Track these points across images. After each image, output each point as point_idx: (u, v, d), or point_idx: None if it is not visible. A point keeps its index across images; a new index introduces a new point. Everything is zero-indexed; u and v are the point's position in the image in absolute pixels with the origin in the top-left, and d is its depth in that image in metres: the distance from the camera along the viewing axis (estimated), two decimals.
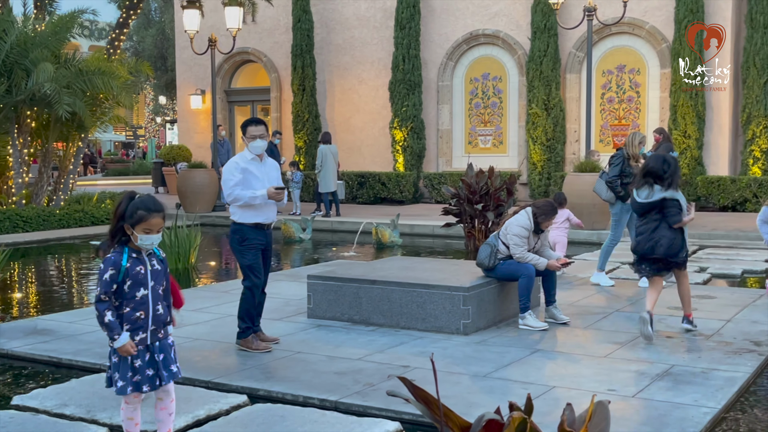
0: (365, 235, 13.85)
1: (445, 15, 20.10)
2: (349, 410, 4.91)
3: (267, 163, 6.37)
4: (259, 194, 6.12)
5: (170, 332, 4.10)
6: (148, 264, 4.00)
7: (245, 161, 6.24)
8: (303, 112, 21.31)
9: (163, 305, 4.03)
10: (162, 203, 4.11)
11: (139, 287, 3.94)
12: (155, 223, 3.97)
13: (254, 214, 6.19)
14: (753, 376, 5.61)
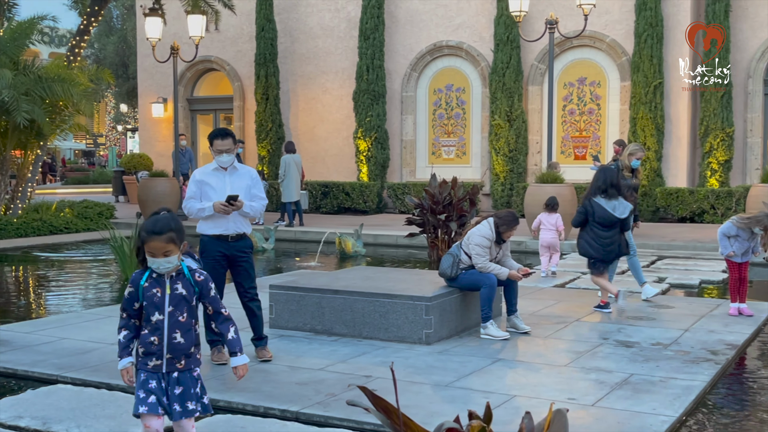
0: (328, 245, 13.82)
1: (409, 26, 20.20)
2: (310, 421, 4.88)
3: (237, 173, 6.19)
4: (206, 206, 6.03)
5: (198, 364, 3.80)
6: (168, 287, 3.73)
7: (205, 173, 6.19)
8: (266, 122, 21.24)
9: (186, 333, 3.74)
10: (167, 225, 3.73)
11: (154, 311, 3.71)
12: (154, 246, 3.68)
13: (212, 225, 6.12)
14: (710, 385, 5.69)
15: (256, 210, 6.19)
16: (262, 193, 6.28)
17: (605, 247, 7.90)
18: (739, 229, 7.70)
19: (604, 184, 7.85)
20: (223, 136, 6.11)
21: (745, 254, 7.86)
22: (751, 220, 7.64)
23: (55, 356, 6.30)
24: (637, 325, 7.44)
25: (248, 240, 6.28)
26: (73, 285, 10.77)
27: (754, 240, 7.74)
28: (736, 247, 7.75)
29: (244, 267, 6.21)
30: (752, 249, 7.85)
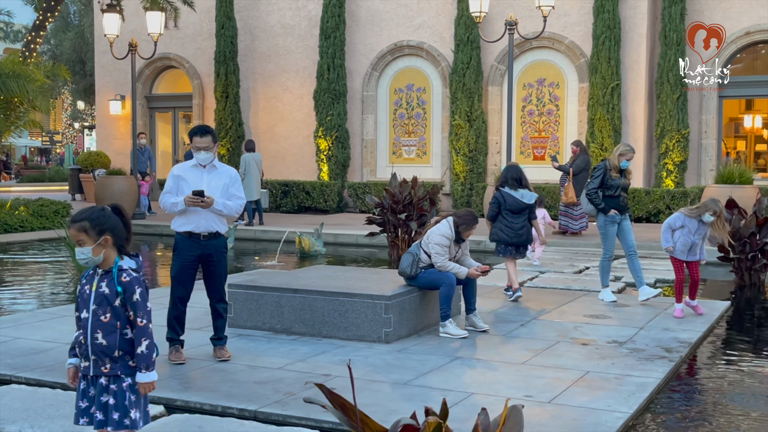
0: (289, 245, 13.78)
1: (370, 25, 20.21)
2: (268, 420, 4.87)
3: (215, 172, 6.14)
4: (179, 201, 6.00)
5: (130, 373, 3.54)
6: (95, 284, 3.58)
7: (183, 168, 6.16)
8: (226, 120, 21.09)
9: (109, 335, 3.51)
10: (84, 214, 3.62)
11: (82, 308, 3.57)
12: (70, 234, 3.57)
13: (184, 222, 6.06)
14: (664, 382, 5.79)
15: (231, 208, 6.07)
16: (240, 193, 6.18)
17: (516, 231, 8.61)
18: (686, 219, 7.71)
19: (505, 178, 8.76)
20: (203, 134, 6.07)
21: (692, 252, 7.78)
22: (700, 208, 7.68)
23: (8, 356, 6.20)
24: (594, 324, 7.55)
25: (222, 239, 6.19)
26: (28, 284, 10.59)
27: (703, 231, 7.72)
28: (679, 241, 7.74)
29: (216, 267, 6.15)
30: (699, 249, 7.77)
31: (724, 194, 11.59)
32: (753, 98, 20.34)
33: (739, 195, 11.81)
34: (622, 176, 8.62)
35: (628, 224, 8.71)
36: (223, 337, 6.26)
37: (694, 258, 7.83)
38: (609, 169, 8.55)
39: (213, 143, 6.11)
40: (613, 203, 8.52)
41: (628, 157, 8.58)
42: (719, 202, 7.68)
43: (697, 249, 7.81)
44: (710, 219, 7.63)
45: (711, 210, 7.61)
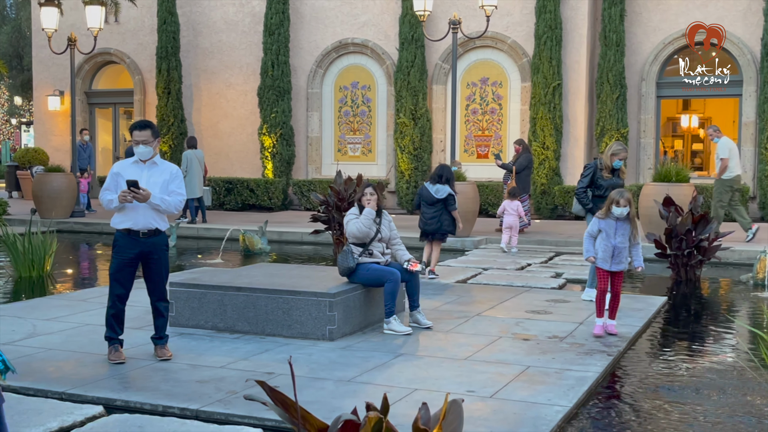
0: (232, 242, 13.66)
1: (315, 22, 20.15)
2: (210, 418, 4.83)
3: (156, 168, 6.05)
4: (114, 198, 5.91)
5: None
6: None
7: (123, 165, 6.08)
8: (168, 116, 20.80)
9: None
10: None
11: None
12: None
13: (123, 218, 5.97)
14: (603, 375, 5.91)
15: (170, 204, 5.96)
16: (180, 189, 6.07)
17: (426, 220, 9.87)
18: (601, 222, 7.02)
19: (434, 174, 9.93)
20: (141, 128, 6.00)
21: (617, 259, 6.95)
22: (606, 204, 7.00)
23: None
24: (535, 319, 7.66)
25: (163, 237, 6.09)
26: None
27: (624, 231, 6.94)
28: (600, 247, 7.00)
29: (156, 265, 6.06)
30: (625, 256, 6.98)
31: (661, 192, 11.86)
32: (690, 98, 20.84)
33: (676, 193, 12.09)
34: (614, 176, 8.32)
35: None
36: (164, 336, 6.19)
37: (619, 267, 6.98)
38: (600, 168, 8.31)
39: (153, 138, 6.02)
40: (601, 204, 8.02)
41: (621, 156, 8.26)
42: (625, 192, 6.89)
43: (623, 256, 6.97)
44: (621, 211, 6.85)
45: (614, 201, 6.87)
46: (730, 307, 9.30)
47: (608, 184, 8.18)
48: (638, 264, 7.11)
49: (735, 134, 18.34)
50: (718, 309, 9.28)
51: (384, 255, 7.29)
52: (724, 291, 10.29)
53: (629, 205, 6.85)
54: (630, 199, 6.84)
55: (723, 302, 9.64)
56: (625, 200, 6.82)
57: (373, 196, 7.25)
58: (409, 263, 7.22)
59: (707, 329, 8.11)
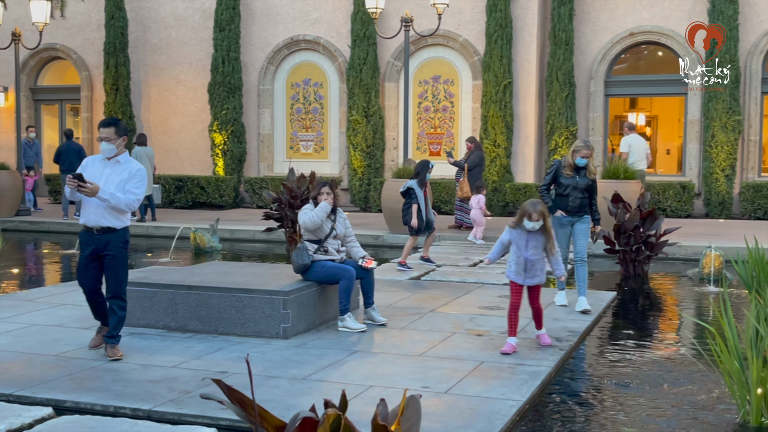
0: (183, 241, 13.50)
1: (266, 19, 20.01)
2: (163, 419, 4.77)
3: (118, 166, 6.07)
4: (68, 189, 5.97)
5: None
6: None
7: (89, 160, 6.20)
8: (116, 113, 20.46)
9: None
10: None
11: None
12: None
13: (81, 215, 6.11)
14: (555, 370, 5.98)
15: (119, 200, 5.93)
16: (137, 190, 6.05)
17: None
18: (512, 232, 6.41)
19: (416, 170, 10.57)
20: (105, 125, 6.09)
21: (530, 273, 6.38)
22: (518, 215, 6.38)
23: None
24: (488, 315, 7.72)
25: (118, 234, 6.07)
26: None
27: (537, 244, 6.34)
28: (513, 259, 6.44)
29: (109, 262, 6.06)
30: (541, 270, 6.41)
31: (610, 189, 12.05)
32: (637, 97, 21.21)
33: (624, 190, 12.29)
34: (578, 174, 7.96)
35: (582, 228, 8.07)
36: (116, 335, 6.10)
37: (534, 281, 6.41)
38: (563, 166, 8.03)
39: (117, 135, 6.07)
40: (561, 203, 8.02)
41: (583, 154, 7.89)
42: (539, 204, 6.29)
43: (537, 269, 6.38)
44: (533, 226, 6.25)
45: (527, 214, 6.26)
46: (677, 302, 9.49)
47: (568, 182, 7.96)
48: (560, 273, 6.69)
49: (680, 132, 18.74)
50: (666, 303, 9.46)
51: (339, 252, 7.28)
52: (671, 286, 10.50)
53: (543, 219, 6.27)
54: (544, 212, 6.28)
55: (670, 297, 9.84)
56: (538, 214, 6.24)
57: (329, 195, 7.22)
58: (363, 260, 7.22)
59: (655, 323, 8.28)
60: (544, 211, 6.27)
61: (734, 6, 16.84)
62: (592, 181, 8.02)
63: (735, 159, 17.05)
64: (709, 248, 10.30)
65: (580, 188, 7.94)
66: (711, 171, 17.11)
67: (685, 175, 18.01)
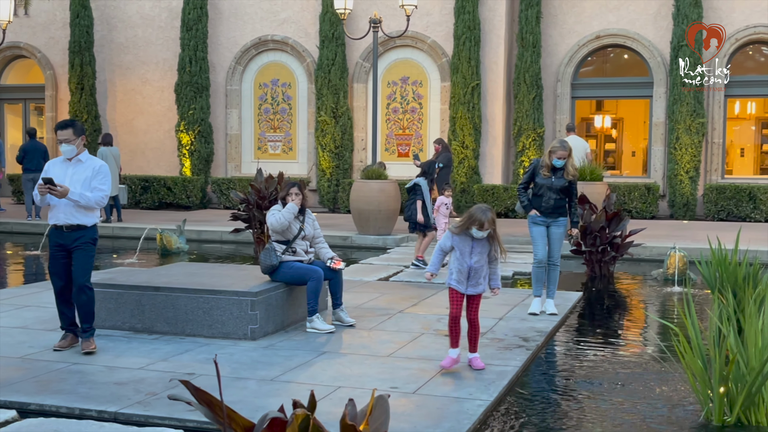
0: (149, 242, 13.37)
1: (234, 19, 19.90)
2: (129, 421, 4.73)
3: (80, 165, 6.28)
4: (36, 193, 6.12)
5: None
6: None
7: (52, 163, 6.35)
8: (81, 113, 20.22)
9: None
10: None
11: None
12: None
13: (50, 215, 6.24)
14: (522, 369, 6.03)
15: (89, 199, 6.15)
16: (103, 186, 6.27)
17: None
18: (455, 238, 5.87)
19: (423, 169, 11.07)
20: (63, 127, 6.25)
21: (473, 281, 5.84)
22: (464, 221, 5.83)
23: None
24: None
25: (89, 232, 6.28)
26: None
27: (481, 250, 5.84)
28: (455, 266, 5.88)
29: (77, 259, 6.23)
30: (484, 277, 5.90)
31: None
32: (603, 99, 21.44)
33: (590, 191, 12.42)
34: (554, 175, 7.84)
35: (558, 233, 7.99)
36: (88, 329, 6.23)
37: (476, 290, 5.88)
38: (541, 166, 7.91)
39: (75, 135, 6.27)
40: (536, 202, 7.94)
41: (559, 155, 7.76)
42: (489, 211, 5.74)
43: (481, 277, 5.88)
44: (482, 235, 5.77)
45: (477, 223, 5.73)
46: (642, 302, 9.61)
47: (543, 183, 7.86)
48: (495, 284, 5.99)
49: (646, 134, 18.97)
50: (631, 303, 9.58)
51: (307, 254, 7.27)
52: (636, 286, 10.63)
53: (492, 227, 5.79)
54: (493, 219, 5.76)
55: (635, 297, 9.95)
56: (489, 223, 5.72)
57: (298, 196, 7.21)
58: (332, 261, 7.22)
59: (621, 323, 8.38)
60: (494, 218, 5.77)
61: (698, 11, 17.09)
62: (569, 182, 7.89)
63: (699, 161, 17.30)
64: (673, 249, 10.44)
65: (555, 189, 7.84)
66: (675, 173, 17.34)
67: (650, 176, 18.24)
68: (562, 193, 7.89)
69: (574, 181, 7.95)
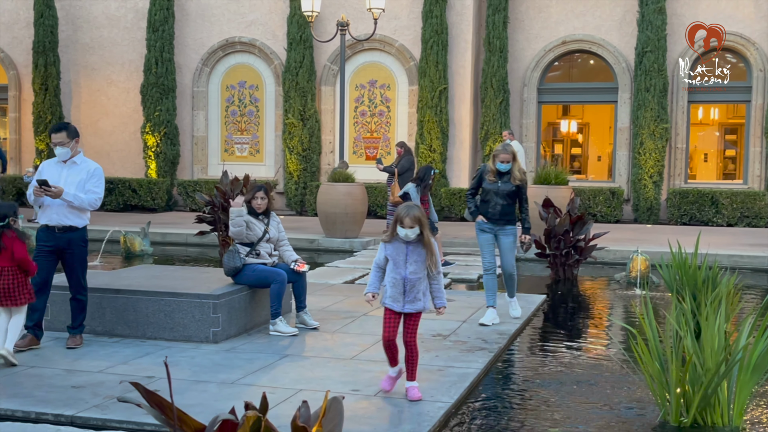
0: (113, 244, 13.24)
1: (201, 20, 19.79)
2: (86, 424, 4.68)
3: (75, 167, 6.40)
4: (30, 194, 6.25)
5: None
6: None
7: (46, 165, 6.45)
8: (45, 113, 19.98)
9: None
10: None
11: None
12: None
13: (42, 216, 6.34)
14: (484, 372, 6.05)
15: (83, 200, 6.29)
16: (96, 188, 6.40)
17: None
18: (388, 248, 5.22)
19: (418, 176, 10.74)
20: (57, 130, 6.37)
21: (410, 296, 5.15)
22: (392, 225, 5.19)
23: None
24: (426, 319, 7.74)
25: (80, 233, 6.43)
26: None
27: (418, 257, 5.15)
28: (389, 281, 5.20)
29: (70, 259, 6.38)
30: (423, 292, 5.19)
31: (541, 194, 12.26)
32: (569, 104, 21.64)
33: (555, 195, 12.52)
34: (502, 180, 7.55)
35: (507, 242, 7.65)
36: (77, 326, 6.43)
37: (414, 307, 5.18)
38: (487, 171, 7.64)
39: (69, 138, 6.39)
40: (482, 209, 7.68)
41: (501, 158, 7.49)
42: (414, 208, 5.10)
43: (418, 291, 5.16)
44: (406, 233, 5.07)
45: (399, 219, 5.10)
46: (605, 305, 9.70)
47: (489, 188, 7.59)
48: (441, 303, 5.27)
49: (611, 139, 19.16)
50: (594, 306, 9.67)
51: (271, 256, 7.24)
52: (599, 289, 10.73)
53: (420, 226, 5.08)
54: (420, 217, 5.07)
55: (598, 300, 10.05)
56: (411, 219, 5.03)
57: (264, 200, 7.17)
58: (296, 264, 7.20)
59: (583, 326, 8.45)
60: (421, 217, 5.08)
61: (662, 17, 17.32)
62: (516, 187, 7.58)
63: (662, 166, 17.52)
64: (636, 252, 10.55)
65: (502, 194, 7.55)
66: (639, 177, 17.54)
67: (615, 181, 18.44)
68: (510, 198, 7.60)
69: (522, 185, 7.63)
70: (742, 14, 17.41)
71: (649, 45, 17.30)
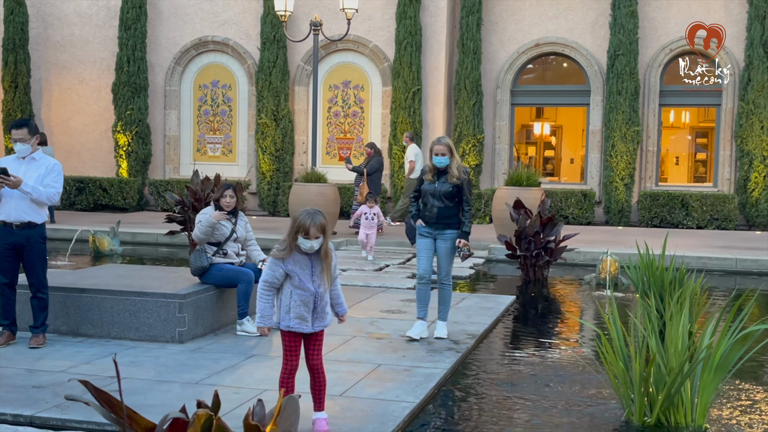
0: (82, 244, 13.09)
1: (174, 18, 19.64)
2: (46, 425, 4.62)
3: (34, 163, 6.36)
4: None
5: None
6: None
7: (5, 161, 6.36)
8: (15, 111, 19.72)
9: None
10: None
11: None
12: None
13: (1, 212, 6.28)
14: (451, 372, 6.05)
15: (41, 193, 6.24)
16: (55, 183, 6.37)
17: None
18: (288, 263, 4.46)
19: None
20: (17, 126, 6.33)
21: (320, 315, 4.52)
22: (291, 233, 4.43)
23: None
24: (389, 319, 7.75)
25: (39, 229, 6.37)
26: None
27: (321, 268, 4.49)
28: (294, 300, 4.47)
29: (29, 256, 6.33)
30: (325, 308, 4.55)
31: (513, 196, 12.28)
32: (542, 106, 21.73)
33: (526, 196, 12.56)
34: (440, 179, 6.87)
35: (445, 247, 6.93)
36: (39, 325, 6.35)
37: (323, 324, 4.57)
38: (425, 171, 6.97)
39: (30, 135, 6.35)
40: (421, 212, 6.99)
41: (436, 150, 6.78)
42: (318, 215, 4.41)
43: (327, 304, 4.58)
44: (311, 246, 4.40)
45: (302, 229, 4.38)
46: (574, 305, 9.75)
47: (426, 188, 6.90)
48: (343, 310, 4.73)
49: (584, 142, 19.28)
50: (563, 307, 9.70)
51: (239, 256, 7.20)
52: (569, 290, 10.77)
53: (324, 235, 4.42)
54: (325, 225, 4.42)
55: (568, 301, 10.09)
56: (317, 228, 4.37)
57: (233, 198, 7.13)
58: (263, 263, 7.16)
59: (552, 326, 8.48)
60: (326, 224, 4.43)
61: (634, 20, 17.45)
62: (454, 186, 6.81)
63: (634, 168, 17.64)
64: (605, 254, 10.61)
65: (439, 195, 6.81)
66: (611, 180, 17.66)
67: (586, 183, 18.54)
68: (448, 199, 6.83)
69: (462, 185, 6.82)
70: (713, 18, 17.58)
71: (621, 48, 17.42)
